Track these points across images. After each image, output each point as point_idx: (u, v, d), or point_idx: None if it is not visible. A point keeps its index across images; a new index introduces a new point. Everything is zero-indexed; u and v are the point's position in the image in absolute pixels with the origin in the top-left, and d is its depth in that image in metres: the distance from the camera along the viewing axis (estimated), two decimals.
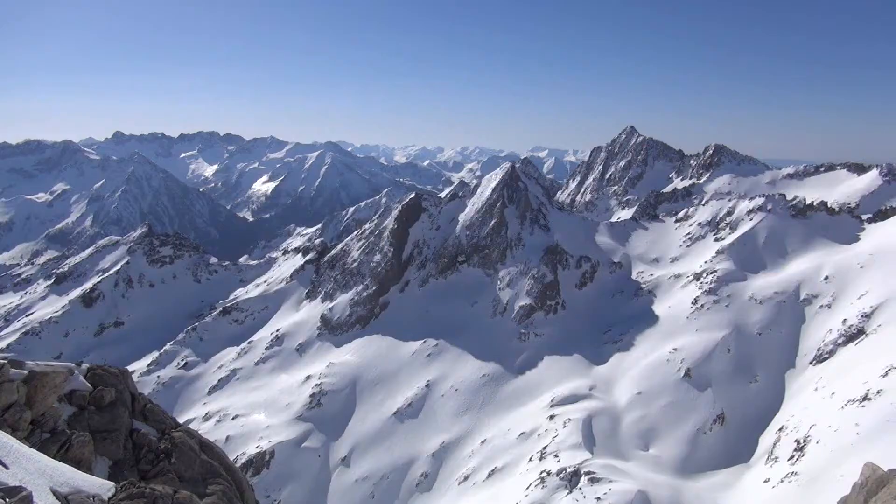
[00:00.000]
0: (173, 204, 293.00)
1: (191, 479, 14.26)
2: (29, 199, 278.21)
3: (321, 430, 74.09)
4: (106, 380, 15.23)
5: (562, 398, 66.97)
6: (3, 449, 10.43)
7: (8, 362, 13.78)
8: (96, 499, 10.64)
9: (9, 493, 8.60)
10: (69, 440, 13.01)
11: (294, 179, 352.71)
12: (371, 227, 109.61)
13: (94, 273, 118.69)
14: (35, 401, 13.43)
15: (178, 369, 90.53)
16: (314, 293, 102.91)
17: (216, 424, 76.02)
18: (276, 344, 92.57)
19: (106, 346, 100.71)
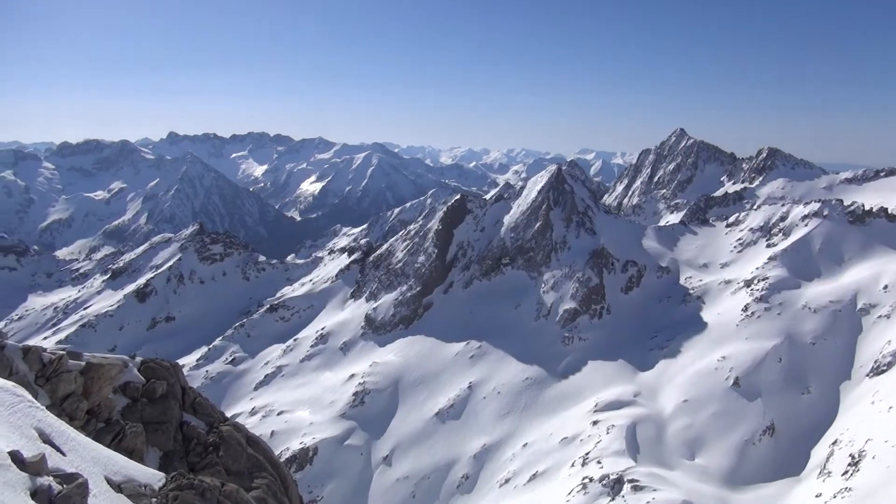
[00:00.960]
0: (224, 203, 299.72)
1: (237, 472, 14.57)
2: (88, 197, 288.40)
3: (364, 428, 74.76)
4: (158, 373, 15.67)
5: (605, 404, 66.12)
6: (62, 437, 10.83)
7: (66, 353, 14.31)
8: (147, 488, 10.97)
9: (66, 480, 8.93)
10: (123, 430, 13.43)
11: (341, 180, 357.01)
12: (416, 228, 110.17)
13: (147, 269, 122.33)
14: (91, 391, 13.92)
15: (226, 364, 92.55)
16: (359, 293, 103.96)
17: (262, 420, 77.42)
18: (321, 342, 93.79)
19: (158, 341, 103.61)
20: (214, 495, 11.21)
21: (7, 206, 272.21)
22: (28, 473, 8.52)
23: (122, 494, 10.33)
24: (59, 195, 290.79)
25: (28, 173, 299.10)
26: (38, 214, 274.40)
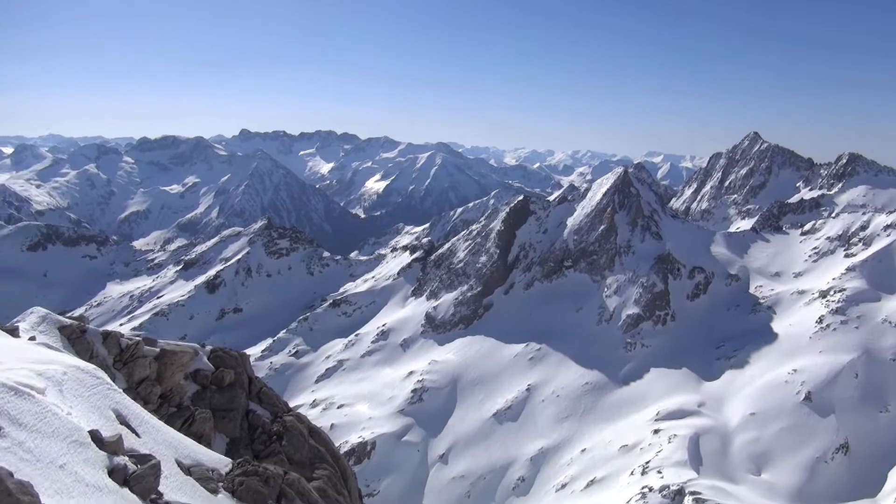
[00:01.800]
0: (291, 199, 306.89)
1: (299, 462, 14.89)
2: (164, 191, 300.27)
3: (421, 425, 75.27)
4: (227, 362, 16.17)
5: (668, 413, 64.56)
6: (137, 419, 11.31)
7: (142, 340, 14.94)
8: (215, 473, 11.33)
9: (140, 460, 9.32)
10: (192, 416, 13.93)
11: (405, 179, 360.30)
12: (478, 228, 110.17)
13: (217, 261, 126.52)
14: (164, 377, 14.49)
15: (290, 357, 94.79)
16: (420, 291, 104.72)
17: (322, 412, 78.95)
18: (382, 338, 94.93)
19: (225, 331, 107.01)
20: (277, 483, 11.49)
21: (90, 198, 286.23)
22: (106, 452, 8.93)
23: (190, 477, 10.71)
24: (137, 188, 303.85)
25: (110, 167, 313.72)
26: (117, 206, 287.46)
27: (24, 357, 10.86)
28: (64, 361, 11.27)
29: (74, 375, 10.80)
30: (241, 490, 10.93)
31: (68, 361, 11.42)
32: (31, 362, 10.54)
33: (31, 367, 10.09)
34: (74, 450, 8.42)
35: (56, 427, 8.53)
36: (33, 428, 8.23)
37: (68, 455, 8.24)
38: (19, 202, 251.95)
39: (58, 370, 10.50)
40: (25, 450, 7.75)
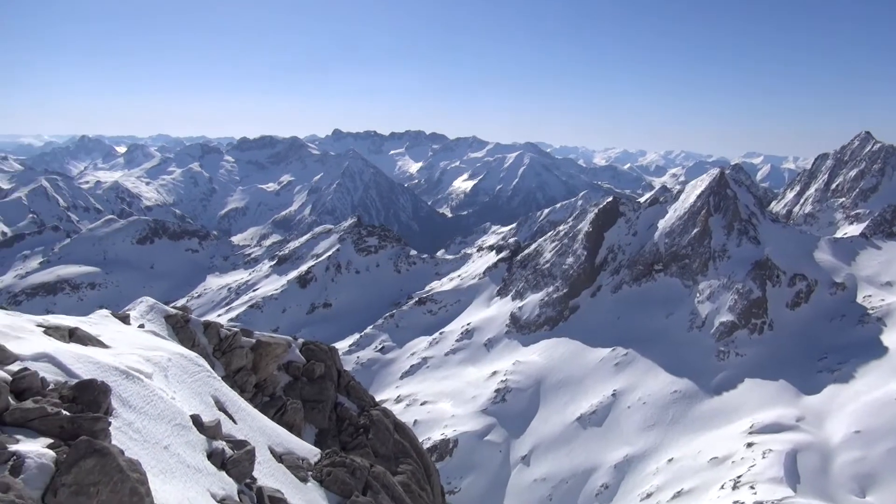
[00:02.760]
0: (380, 198, 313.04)
1: (384, 455, 15.22)
2: (261, 188, 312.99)
3: (504, 425, 75.09)
4: (318, 355, 16.72)
5: (762, 426, 61.57)
6: (234, 406, 11.88)
7: (240, 331, 15.67)
8: (304, 461, 11.75)
9: (237, 446, 9.79)
10: (285, 406, 14.49)
11: (492, 178, 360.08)
12: (565, 229, 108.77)
13: (309, 257, 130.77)
14: (259, 367, 15.15)
15: (376, 352, 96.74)
16: (505, 291, 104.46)
17: (406, 408, 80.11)
18: (466, 337, 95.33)
19: (315, 324, 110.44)
20: (363, 475, 11.79)
21: (193, 195, 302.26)
22: (206, 437, 9.43)
23: (282, 465, 11.15)
24: (236, 186, 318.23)
25: (212, 165, 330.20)
26: (218, 203, 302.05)
27: (134, 343, 11.61)
28: (169, 349, 11.98)
29: (178, 362, 11.46)
30: (329, 480, 11.27)
31: (173, 349, 12.13)
32: (140, 348, 11.26)
33: (140, 353, 10.78)
34: (177, 432, 8.95)
35: (161, 410, 9.08)
36: (141, 410, 8.80)
37: (172, 437, 8.76)
38: (130, 198, 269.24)
39: (163, 356, 11.17)
40: (134, 430, 8.30)
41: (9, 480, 5.37)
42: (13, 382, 7.52)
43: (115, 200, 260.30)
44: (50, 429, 6.84)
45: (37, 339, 9.68)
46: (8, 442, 6.20)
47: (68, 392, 7.80)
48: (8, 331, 9.28)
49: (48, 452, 6.19)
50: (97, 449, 6.05)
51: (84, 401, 7.64)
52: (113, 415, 8.04)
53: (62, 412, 7.06)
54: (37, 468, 5.94)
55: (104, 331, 11.87)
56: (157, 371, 10.43)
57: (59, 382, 8.24)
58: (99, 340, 10.91)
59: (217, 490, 8.50)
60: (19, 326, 9.87)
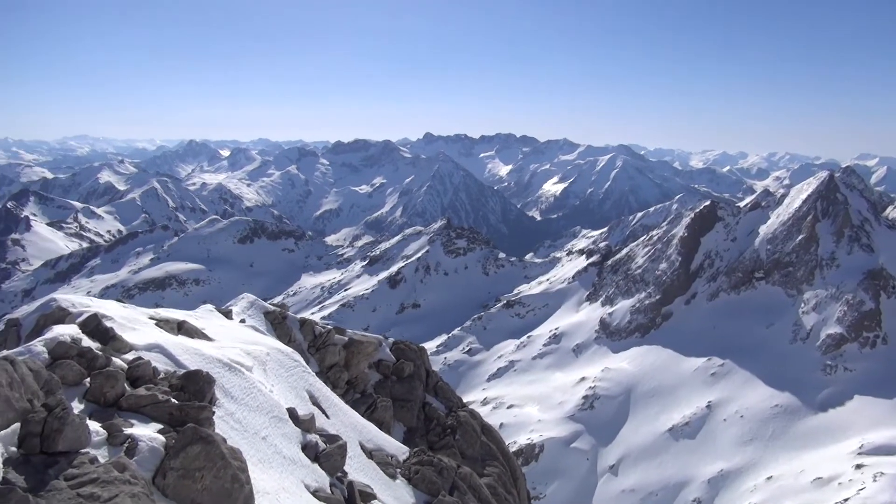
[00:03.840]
0: (470, 200, 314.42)
1: (471, 457, 15.26)
2: (354, 190, 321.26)
3: (591, 433, 73.67)
4: (407, 354, 16.98)
5: (874, 447, 57.46)
6: (327, 401, 12.25)
7: (333, 329, 16.13)
8: (394, 458, 11.96)
9: (329, 440, 10.09)
10: (375, 403, 14.80)
11: (583, 181, 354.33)
12: (659, 234, 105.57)
13: (399, 258, 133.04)
14: (351, 364, 15.54)
15: (463, 354, 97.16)
16: (595, 296, 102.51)
17: (492, 411, 80.00)
18: (554, 342, 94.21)
19: (404, 324, 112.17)
20: (451, 475, 11.87)
21: (290, 196, 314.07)
22: (300, 430, 9.78)
23: (372, 461, 11.40)
24: (331, 188, 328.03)
25: (308, 168, 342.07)
26: (313, 204, 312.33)
27: (236, 337, 12.19)
28: (268, 343, 12.50)
29: (276, 357, 11.94)
30: (417, 478, 11.42)
31: (271, 344, 12.65)
32: (241, 342, 11.81)
33: (241, 347, 11.31)
34: (275, 424, 9.32)
35: (260, 402, 9.49)
36: (242, 401, 9.22)
37: (270, 428, 9.13)
38: (233, 199, 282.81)
39: (262, 351, 11.67)
40: (235, 420, 8.71)
41: (125, 461, 5.77)
42: (129, 370, 8.06)
43: (219, 201, 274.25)
44: (160, 415, 7.28)
45: (149, 330, 10.34)
46: (123, 426, 6.65)
47: (177, 381, 8.29)
48: (125, 322, 9.95)
49: (159, 437, 6.59)
50: (203, 436, 6.39)
51: (191, 390, 8.10)
52: (216, 404, 8.48)
53: (171, 400, 7.51)
54: (148, 451, 6.34)
55: (209, 324, 12.53)
56: (257, 364, 10.90)
57: (168, 372, 8.76)
58: (204, 333, 11.52)
59: (311, 482, 8.80)
60: (134, 318, 10.57)
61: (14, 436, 5.42)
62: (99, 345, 8.65)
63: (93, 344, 8.50)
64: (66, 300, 10.35)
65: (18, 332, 10.41)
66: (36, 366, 6.34)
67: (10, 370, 5.63)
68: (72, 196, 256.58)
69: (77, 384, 7.36)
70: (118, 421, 6.72)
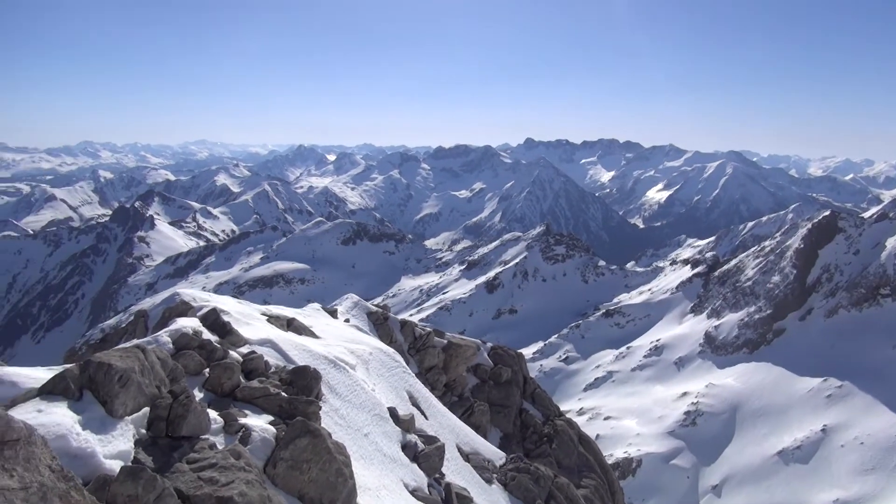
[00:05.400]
0: (570, 206, 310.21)
1: (567, 467, 15.04)
2: (453, 195, 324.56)
3: (693, 450, 70.68)
4: (505, 359, 16.97)
5: None
6: (426, 402, 12.43)
7: (433, 331, 16.36)
8: (490, 463, 11.98)
9: (428, 441, 10.24)
10: (472, 407, 14.88)
11: (690, 189, 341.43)
12: (772, 245, 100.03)
13: (497, 263, 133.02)
14: (449, 367, 15.69)
15: (559, 362, 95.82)
16: (700, 308, 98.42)
17: (588, 421, 78.40)
18: (655, 354, 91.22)
19: (500, 330, 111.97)
20: (547, 484, 11.75)
21: (392, 200, 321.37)
22: (401, 429, 9.98)
23: (468, 464, 11.46)
24: (431, 192, 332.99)
25: (410, 173, 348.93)
26: (414, 208, 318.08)
27: (341, 336, 12.60)
28: (370, 343, 12.84)
29: (378, 356, 12.25)
30: (513, 485, 11.37)
31: (374, 343, 12.99)
32: (345, 341, 12.20)
33: (346, 345, 11.68)
34: (376, 422, 9.56)
35: (363, 400, 9.77)
36: (346, 398, 9.52)
37: (371, 426, 9.38)
38: (337, 202, 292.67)
39: (365, 350, 12.00)
40: (340, 416, 9.00)
41: (240, 449, 6.10)
42: (243, 363, 8.51)
43: (325, 204, 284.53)
44: (271, 407, 7.65)
45: (261, 326, 10.87)
46: (238, 415, 7.03)
47: (286, 376, 8.67)
48: (240, 317, 10.52)
49: (270, 428, 6.93)
50: (311, 430, 6.65)
51: (299, 385, 8.45)
52: (322, 400, 8.80)
53: (281, 393, 7.87)
54: (261, 441, 6.67)
55: (315, 322, 13.02)
56: (360, 363, 11.23)
57: (279, 366, 9.18)
58: (311, 331, 11.98)
59: (409, 481, 8.96)
60: (248, 314, 11.15)
61: (144, 419, 5.85)
62: (217, 337, 9.19)
63: (212, 337, 9.04)
64: (188, 295, 11.06)
65: (146, 322, 11.23)
66: (163, 355, 6.81)
67: (141, 358, 6.08)
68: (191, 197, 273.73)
69: (197, 374, 7.84)
70: (233, 411, 7.11)
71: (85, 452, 4.84)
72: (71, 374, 5.52)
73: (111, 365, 5.60)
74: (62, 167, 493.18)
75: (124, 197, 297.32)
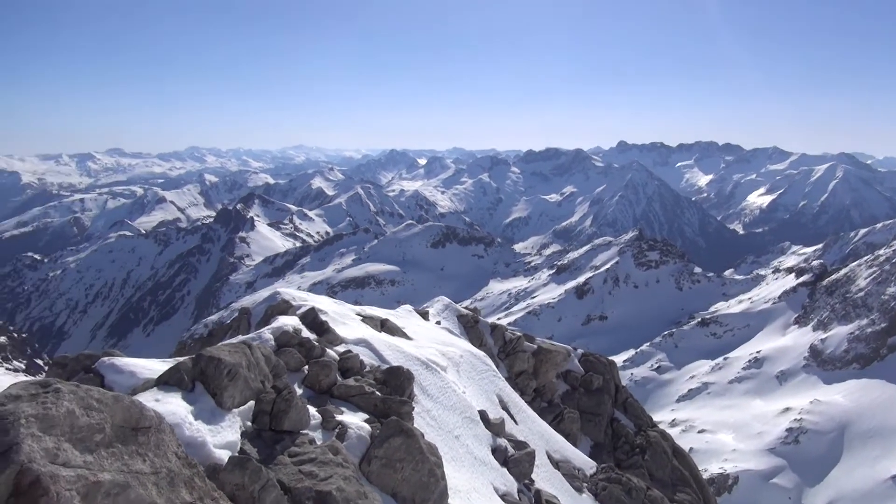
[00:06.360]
0: (664, 211, 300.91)
1: (660, 480, 14.58)
2: (543, 199, 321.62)
3: (795, 469, 66.88)
4: (596, 367, 16.66)
5: None
6: (515, 407, 12.39)
7: (523, 336, 16.28)
8: (580, 472, 11.79)
9: (518, 446, 10.19)
10: (562, 414, 14.69)
11: (795, 193, 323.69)
12: (888, 254, 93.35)
13: (587, 268, 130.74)
14: (539, 373, 15.56)
15: (651, 371, 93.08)
16: (805, 319, 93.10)
17: (681, 433, 75.68)
18: (754, 366, 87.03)
19: (590, 336, 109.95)
20: (640, 496, 11.44)
21: (482, 204, 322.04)
22: (491, 432, 9.99)
23: (558, 471, 11.33)
24: (521, 196, 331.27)
25: (499, 176, 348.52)
26: (503, 212, 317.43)
27: (432, 338, 12.75)
28: (461, 346, 12.93)
29: (469, 359, 12.31)
30: (604, 495, 11.15)
31: (464, 346, 13.07)
32: (436, 343, 12.33)
33: (437, 347, 11.81)
34: (467, 425, 9.61)
35: (454, 402, 9.84)
36: (437, 399, 9.63)
37: (462, 428, 9.44)
38: (427, 205, 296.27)
39: (456, 353, 12.09)
40: (431, 417, 9.11)
41: (338, 445, 6.29)
42: (340, 361, 8.77)
43: (415, 207, 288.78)
44: (366, 405, 7.84)
45: (356, 325, 11.16)
46: (335, 412, 7.25)
47: (380, 375, 8.86)
48: (336, 317, 10.84)
49: (365, 426, 7.10)
50: (404, 429, 6.77)
51: (392, 384, 8.62)
52: (415, 400, 8.94)
53: (376, 392, 8.06)
54: (356, 438, 6.85)
55: (408, 324, 13.23)
56: (451, 365, 11.32)
57: (373, 366, 9.40)
58: (404, 332, 12.19)
59: (499, 485, 8.95)
60: (344, 314, 11.47)
61: (249, 412, 6.14)
62: (315, 336, 9.51)
63: (310, 335, 9.37)
64: (288, 294, 11.50)
65: (249, 319, 11.76)
66: (266, 351, 7.12)
67: (248, 353, 6.39)
68: (288, 200, 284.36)
69: (297, 370, 8.15)
70: (330, 407, 7.34)
71: (196, 441, 5.12)
72: (185, 367, 5.87)
73: (221, 359, 5.91)
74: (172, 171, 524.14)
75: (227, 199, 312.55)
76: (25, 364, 54.99)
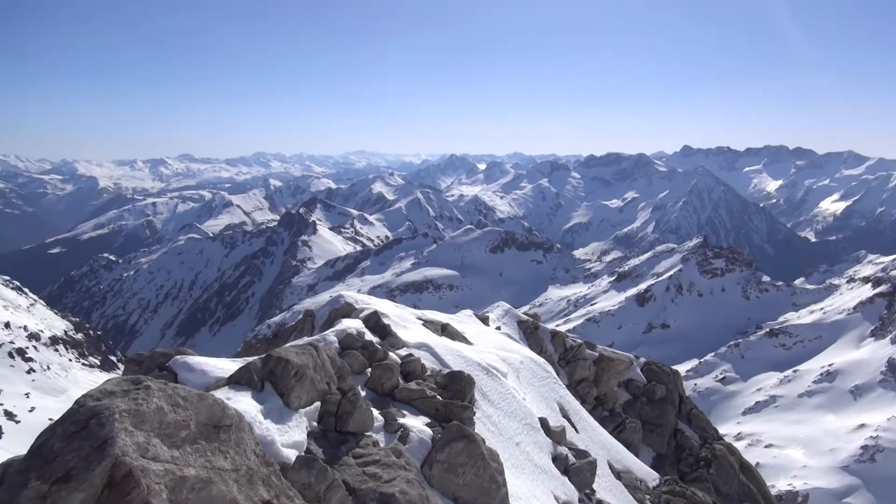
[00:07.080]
0: (730, 217, 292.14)
1: (726, 495, 14.15)
2: (604, 204, 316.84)
3: (871, 489, 63.66)
4: (659, 376, 16.31)
5: None
6: (576, 415, 12.25)
7: (584, 343, 16.09)
8: (642, 483, 11.56)
9: (579, 455, 10.08)
10: (623, 423, 14.44)
11: (872, 200, 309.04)
12: None
13: (649, 276, 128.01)
14: (601, 381, 15.35)
15: (716, 382, 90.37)
16: (882, 331, 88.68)
17: (747, 447, 73.10)
18: (826, 380, 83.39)
19: (651, 344, 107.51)
20: None
21: (541, 209, 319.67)
22: (552, 440, 9.91)
23: (620, 482, 11.14)
24: (581, 202, 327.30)
25: (559, 181, 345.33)
26: (563, 217, 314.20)
27: (493, 343, 12.75)
28: (521, 352, 12.88)
29: (529, 366, 12.25)
30: None
31: (524, 352, 13.01)
32: (497, 348, 12.32)
33: (497, 353, 11.79)
34: (527, 432, 9.57)
35: (514, 408, 9.81)
36: (498, 405, 9.62)
37: (523, 435, 9.40)
38: (486, 210, 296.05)
39: (516, 359, 12.05)
40: (492, 423, 9.11)
41: (401, 448, 6.37)
42: (402, 365, 8.87)
43: (474, 212, 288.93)
44: (428, 409, 7.90)
45: (418, 329, 11.26)
46: (397, 415, 7.34)
47: (441, 379, 8.92)
48: (398, 320, 10.97)
49: (427, 430, 7.16)
50: (466, 434, 6.80)
51: (453, 389, 8.66)
52: (475, 406, 8.95)
53: (437, 396, 8.11)
54: (418, 441, 6.92)
55: (468, 329, 13.27)
56: (511, 371, 11.29)
57: (434, 370, 9.46)
58: (464, 337, 12.23)
59: (560, 494, 8.87)
60: (405, 317, 11.60)
61: (315, 413, 6.28)
62: (378, 339, 9.64)
63: (373, 338, 9.51)
64: (350, 297, 11.70)
65: (313, 321, 12.02)
66: (331, 353, 7.27)
67: (314, 355, 6.54)
68: (349, 204, 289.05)
69: (360, 373, 8.29)
70: (393, 410, 7.43)
71: (266, 440, 5.27)
72: (255, 367, 6.05)
73: (289, 360, 6.07)
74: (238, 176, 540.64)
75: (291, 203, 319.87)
76: (100, 360, 57.81)
